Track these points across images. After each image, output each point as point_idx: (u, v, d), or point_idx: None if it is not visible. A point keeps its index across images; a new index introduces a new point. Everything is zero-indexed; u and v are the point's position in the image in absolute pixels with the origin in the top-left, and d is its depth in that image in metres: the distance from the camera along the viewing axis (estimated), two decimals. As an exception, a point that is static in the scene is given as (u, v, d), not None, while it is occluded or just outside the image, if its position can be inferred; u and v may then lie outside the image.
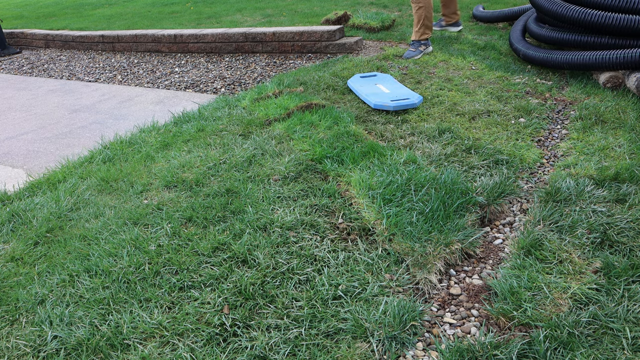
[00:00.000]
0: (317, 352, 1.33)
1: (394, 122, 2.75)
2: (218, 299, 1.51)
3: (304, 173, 2.22)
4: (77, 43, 6.36)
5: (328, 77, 3.56)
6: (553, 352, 1.29)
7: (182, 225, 1.92)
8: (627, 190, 1.92)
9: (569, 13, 3.24)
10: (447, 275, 1.70)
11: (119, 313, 1.50)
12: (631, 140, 2.34)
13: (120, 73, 5.00)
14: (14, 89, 4.82)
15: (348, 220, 1.89)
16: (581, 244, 1.67)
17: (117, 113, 3.71)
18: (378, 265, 1.66)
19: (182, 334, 1.41)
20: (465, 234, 1.79)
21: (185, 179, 2.26)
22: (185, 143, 2.70)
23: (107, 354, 1.37)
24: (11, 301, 1.61)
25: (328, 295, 1.52)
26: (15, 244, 1.93)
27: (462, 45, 4.37)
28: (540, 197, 1.98)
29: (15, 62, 6.20)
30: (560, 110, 2.94)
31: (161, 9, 7.83)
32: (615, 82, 3.04)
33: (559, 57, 3.30)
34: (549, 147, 2.51)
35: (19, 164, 2.91)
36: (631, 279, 1.50)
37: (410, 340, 1.40)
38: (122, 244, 1.81)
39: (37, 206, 2.18)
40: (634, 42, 3.01)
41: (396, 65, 3.86)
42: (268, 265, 1.65)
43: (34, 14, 9.19)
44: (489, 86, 3.28)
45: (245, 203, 2.01)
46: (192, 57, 5.17)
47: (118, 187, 2.30)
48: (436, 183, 2.02)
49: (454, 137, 2.51)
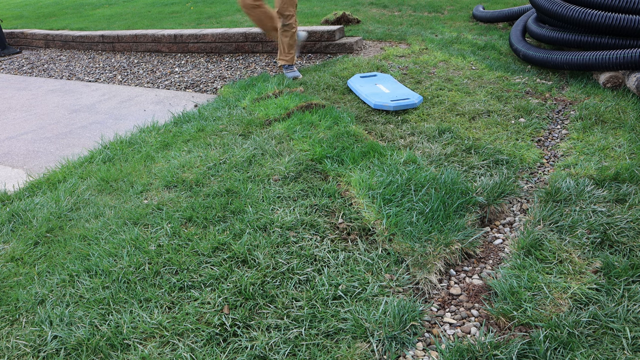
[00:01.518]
0: (317, 352, 1.33)
1: (394, 122, 2.75)
2: (218, 299, 1.51)
3: (304, 173, 2.22)
4: (77, 43, 6.36)
5: (328, 77, 3.57)
6: (553, 352, 1.29)
7: (182, 225, 1.92)
8: (627, 190, 1.92)
9: (569, 13, 3.24)
10: (447, 275, 1.70)
11: (119, 313, 1.50)
12: (631, 140, 2.34)
13: (120, 73, 5.00)
14: (14, 89, 4.81)
15: (348, 220, 1.89)
16: (581, 244, 1.67)
17: (117, 113, 3.71)
18: (378, 265, 1.66)
19: (182, 334, 1.41)
20: (465, 234, 1.79)
21: (185, 179, 2.26)
22: (185, 143, 2.70)
23: (107, 354, 1.37)
24: (11, 301, 1.61)
25: (328, 295, 1.52)
26: (15, 244, 1.93)
27: (462, 45, 4.37)
28: (540, 197, 1.98)
29: (15, 62, 6.20)
30: (560, 110, 2.94)
31: (161, 9, 7.83)
32: (615, 82, 3.04)
33: (558, 58, 3.30)
34: (549, 147, 2.51)
35: (19, 164, 2.91)
36: (631, 279, 1.50)
37: (410, 340, 1.40)
38: (122, 244, 1.81)
39: (37, 206, 2.18)
40: (634, 42, 3.01)
41: (396, 65, 3.86)
42: (268, 265, 1.65)
43: (34, 14, 9.19)
44: (489, 86, 3.28)
45: (245, 203, 2.01)
46: (192, 57, 5.17)
47: (118, 187, 2.30)
48: (436, 183, 2.02)
49: (454, 137, 2.51)
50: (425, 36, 4.69)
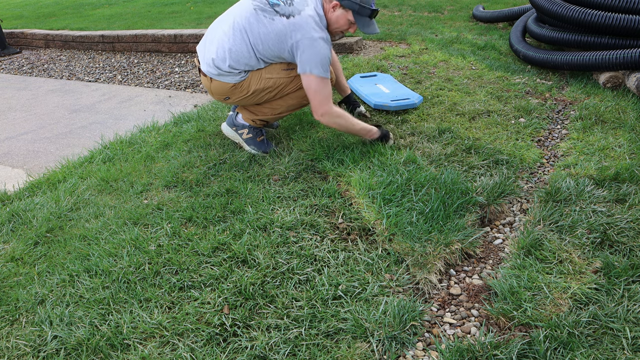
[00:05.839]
0: (317, 352, 1.33)
1: (394, 122, 2.75)
2: (218, 299, 1.51)
3: (304, 173, 2.22)
4: (77, 43, 6.36)
5: (328, 77, 3.56)
6: (553, 352, 1.29)
7: (182, 225, 1.92)
8: (627, 190, 1.92)
9: (569, 13, 3.24)
10: (447, 275, 1.70)
11: (119, 313, 1.50)
12: (631, 140, 2.34)
13: (120, 73, 5.00)
14: (14, 89, 4.81)
15: (348, 220, 1.89)
16: (581, 244, 1.67)
17: (117, 113, 3.71)
18: (378, 265, 1.66)
19: (182, 334, 1.41)
20: (465, 234, 1.79)
21: (185, 179, 2.26)
22: (185, 143, 2.70)
23: (107, 354, 1.37)
24: (11, 301, 1.61)
25: (328, 295, 1.52)
26: (15, 244, 1.93)
27: (462, 45, 4.37)
28: (540, 197, 1.98)
29: (15, 62, 6.20)
30: (560, 110, 2.94)
31: (161, 9, 7.83)
32: (615, 82, 3.04)
33: (558, 58, 3.30)
34: (549, 147, 2.51)
35: (19, 164, 2.91)
36: (631, 279, 1.50)
37: (410, 340, 1.40)
38: (122, 244, 1.81)
39: (37, 206, 2.18)
40: (634, 42, 3.01)
41: (396, 65, 3.86)
42: (268, 265, 1.65)
43: (34, 14, 9.19)
44: (489, 86, 3.28)
45: (245, 203, 2.01)
46: (192, 57, 5.17)
47: (118, 187, 2.30)
48: (436, 183, 2.02)
49: (454, 137, 2.51)
50: (425, 36, 4.69)
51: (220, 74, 2.27)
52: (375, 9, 2.21)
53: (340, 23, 2.21)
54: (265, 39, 2.16)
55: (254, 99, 2.34)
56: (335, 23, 2.22)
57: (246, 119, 2.44)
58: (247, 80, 2.28)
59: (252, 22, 2.18)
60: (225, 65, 2.23)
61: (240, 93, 2.32)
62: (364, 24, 2.20)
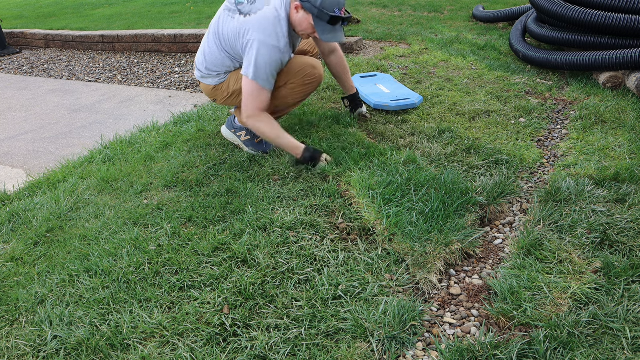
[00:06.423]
0: (317, 352, 1.33)
1: (394, 122, 2.75)
2: (218, 299, 1.51)
3: (304, 173, 2.22)
4: (77, 43, 6.36)
5: (328, 77, 3.56)
6: (553, 352, 1.29)
7: (182, 225, 1.92)
8: (627, 190, 1.92)
9: (569, 13, 3.24)
10: (447, 275, 1.70)
11: (119, 313, 1.50)
12: (631, 140, 2.34)
13: (120, 73, 5.00)
14: (14, 89, 4.81)
15: (348, 220, 1.89)
16: (581, 244, 1.67)
17: (117, 113, 3.71)
18: (378, 265, 1.66)
19: (182, 334, 1.41)
20: (465, 234, 1.79)
21: (185, 179, 2.26)
22: (185, 143, 2.70)
23: (107, 354, 1.37)
24: (11, 301, 1.61)
25: (328, 295, 1.52)
26: (15, 244, 1.93)
27: (462, 45, 4.37)
28: (540, 197, 1.98)
29: (15, 62, 6.20)
30: (560, 110, 2.93)
31: (161, 9, 7.83)
32: (615, 82, 3.04)
33: (558, 58, 3.30)
34: (549, 147, 2.51)
35: (19, 164, 2.91)
36: (631, 279, 1.50)
37: (410, 340, 1.40)
38: (122, 244, 1.81)
39: (37, 206, 2.18)
40: (634, 42, 3.01)
41: (396, 65, 3.86)
42: (268, 265, 1.65)
43: (34, 14, 9.19)
44: (489, 86, 3.28)
45: (245, 203, 2.01)
46: (192, 57, 5.17)
47: (118, 187, 2.30)
48: (436, 183, 2.02)
49: (454, 137, 2.51)
50: (425, 36, 4.69)
51: (203, 76, 2.32)
52: (337, 15, 2.01)
53: (304, 26, 2.07)
54: (228, 38, 2.15)
55: (236, 99, 2.34)
56: (299, 25, 2.09)
57: (240, 121, 2.44)
58: (227, 82, 2.30)
59: (220, 23, 2.18)
60: (204, 68, 2.28)
61: (222, 94, 2.35)
62: (323, 30, 2.04)
